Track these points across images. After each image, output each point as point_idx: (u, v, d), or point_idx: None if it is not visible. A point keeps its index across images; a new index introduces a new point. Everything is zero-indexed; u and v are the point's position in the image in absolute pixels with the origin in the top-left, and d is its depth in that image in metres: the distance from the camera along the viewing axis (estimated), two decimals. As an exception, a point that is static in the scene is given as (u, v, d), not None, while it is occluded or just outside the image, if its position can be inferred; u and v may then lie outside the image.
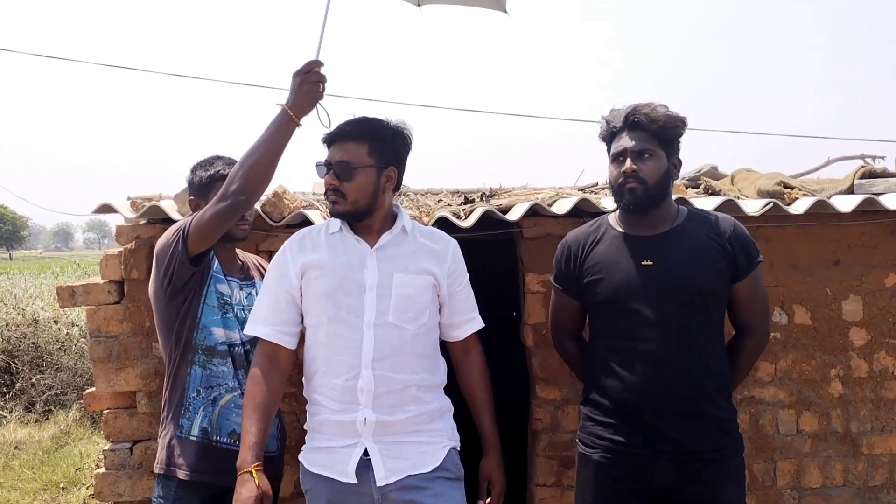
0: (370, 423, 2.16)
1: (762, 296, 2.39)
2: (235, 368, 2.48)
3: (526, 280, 3.37)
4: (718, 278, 2.27)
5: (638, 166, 2.25)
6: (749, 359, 2.47)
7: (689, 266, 2.26)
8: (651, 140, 2.26)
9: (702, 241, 2.29)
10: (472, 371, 2.43)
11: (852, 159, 4.88)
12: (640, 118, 2.27)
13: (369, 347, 2.17)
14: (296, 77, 2.19)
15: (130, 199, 3.37)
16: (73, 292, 3.34)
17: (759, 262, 2.34)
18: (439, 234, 2.40)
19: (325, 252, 2.25)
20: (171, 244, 2.39)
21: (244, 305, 2.56)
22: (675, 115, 2.29)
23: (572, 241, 2.51)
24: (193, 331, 2.46)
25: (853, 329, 3.42)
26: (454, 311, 2.37)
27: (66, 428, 6.78)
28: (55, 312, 8.35)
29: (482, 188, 4.35)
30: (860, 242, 3.42)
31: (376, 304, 2.18)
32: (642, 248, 2.31)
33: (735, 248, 2.29)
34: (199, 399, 2.45)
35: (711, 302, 2.29)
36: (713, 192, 3.66)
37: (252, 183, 2.22)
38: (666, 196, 2.34)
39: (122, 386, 3.31)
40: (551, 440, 3.37)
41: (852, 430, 3.43)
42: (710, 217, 2.38)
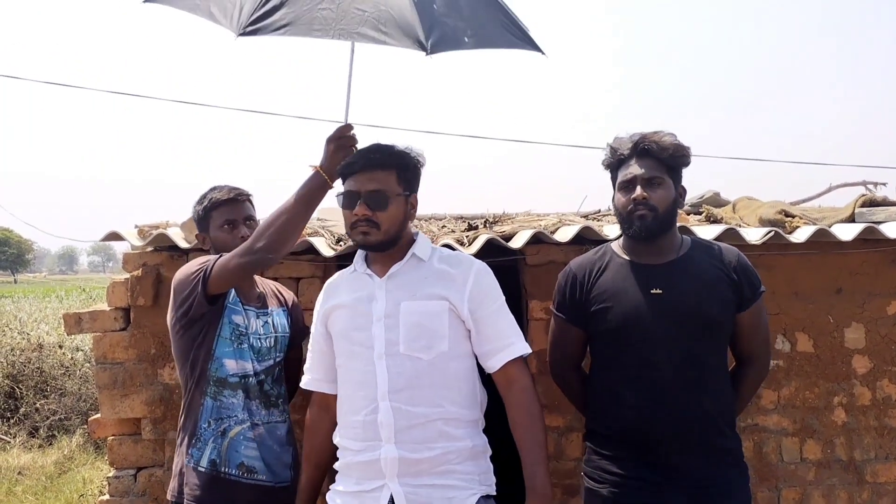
0: (392, 461, 2.06)
1: (764, 325, 2.38)
2: (248, 399, 2.49)
3: (529, 307, 3.39)
4: (726, 308, 2.26)
5: (648, 194, 2.23)
6: (751, 388, 2.46)
7: (698, 296, 2.24)
8: (660, 168, 2.26)
9: (709, 271, 2.28)
10: (515, 405, 2.17)
11: (854, 186, 4.91)
12: (649, 146, 2.26)
13: (383, 379, 2.09)
14: (329, 143, 2.24)
15: (138, 227, 3.41)
16: (80, 319, 3.36)
17: (762, 293, 2.34)
18: (459, 258, 2.26)
19: (344, 293, 2.24)
20: (191, 281, 2.40)
21: (260, 334, 2.56)
22: (683, 143, 2.29)
23: (577, 268, 2.44)
24: (208, 362, 2.47)
25: (856, 357, 3.43)
26: (484, 339, 2.17)
27: (69, 453, 6.77)
28: (60, 337, 8.36)
29: (486, 214, 4.38)
30: (862, 270, 3.44)
31: (385, 334, 2.11)
32: (650, 277, 2.29)
33: (740, 279, 2.28)
34: (210, 430, 2.46)
35: (718, 332, 2.28)
36: (715, 219, 3.69)
37: (280, 241, 2.26)
38: (673, 224, 2.33)
39: (126, 413, 3.32)
40: (555, 468, 3.36)
41: (856, 458, 3.43)
42: (714, 247, 2.37)
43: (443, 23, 2.18)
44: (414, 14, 2.13)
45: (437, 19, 2.17)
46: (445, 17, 2.20)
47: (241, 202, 2.62)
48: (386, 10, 2.13)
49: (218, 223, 2.58)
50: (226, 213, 2.58)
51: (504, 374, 2.18)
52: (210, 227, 2.60)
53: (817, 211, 3.75)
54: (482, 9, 2.35)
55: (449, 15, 2.22)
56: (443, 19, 2.19)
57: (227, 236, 2.55)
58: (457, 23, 2.22)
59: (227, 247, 2.51)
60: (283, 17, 2.09)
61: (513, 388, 2.17)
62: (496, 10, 2.38)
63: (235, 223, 2.57)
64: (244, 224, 2.58)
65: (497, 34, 2.34)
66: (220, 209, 2.58)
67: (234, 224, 2.57)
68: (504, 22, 2.37)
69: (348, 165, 2.16)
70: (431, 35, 2.11)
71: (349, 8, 2.12)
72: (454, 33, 2.20)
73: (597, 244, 2.64)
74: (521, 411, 2.16)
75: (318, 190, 2.25)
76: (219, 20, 2.17)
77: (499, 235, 3.38)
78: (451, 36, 2.19)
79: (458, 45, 2.21)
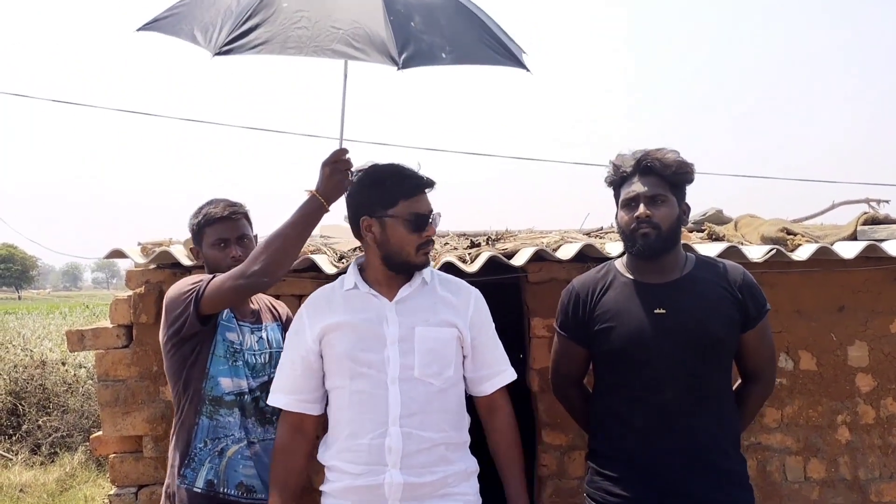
0: (398, 486, 2.06)
1: (770, 344, 2.35)
2: (244, 417, 2.48)
3: (531, 325, 3.39)
4: (730, 328, 2.23)
5: (651, 211, 2.21)
6: (755, 406, 2.44)
7: (702, 315, 2.21)
8: (663, 185, 2.23)
9: (713, 290, 2.25)
10: (500, 430, 2.29)
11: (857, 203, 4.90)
12: (652, 163, 2.24)
13: (396, 403, 2.09)
14: (325, 167, 2.25)
15: (141, 245, 3.42)
16: (83, 336, 3.37)
17: (768, 311, 2.30)
18: (459, 285, 2.32)
19: (342, 311, 2.19)
20: (183, 300, 2.40)
21: (255, 350, 2.56)
22: (686, 160, 2.27)
23: (580, 286, 2.42)
24: (202, 381, 2.45)
25: (859, 375, 3.42)
26: (480, 364, 2.25)
27: (71, 471, 6.76)
28: (63, 354, 8.36)
29: (488, 231, 4.39)
30: (864, 288, 3.43)
31: (400, 358, 2.11)
32: (654, 296, 2.26)
33: (745, 297, 2.25)
34: (206, 450, 2.44)
35: (723, 352, 2.26)
36: (717, 237, 3.69)
37: (275, 266, 2.25)
38: (677, 242, 2.30)
39: (128, 430, 3.32)
40: (557, 487, 3.35)
41: (860, 477, 3.41)
42: (719, 265, 2.34)
43: (419, 39, 2.21)
44: (389, 31, 2.15)
45: (413, 35, 2.19)
46: (423, 34, 2.23)
47: (235, 220, 2.59)
48: (360, 27, 2.15)
49: (210, 240, 2.57)
50: (219, 230, 2.56)
51: (492, 400, 2.29)
52: (203, 243, 2.59)
53: (819, 228, 3.75)
54: (463, 26, 2.37)
55: (427, 32, 2.24)
56: (420, 35, 2.22)
57: (220, 254, 2.54)
58: (434, 39, 2.24)
59: (219, 265, 2.52)
60: (259, 36, 2.12)
61: (499, 414, 2.29)
62: (479, 27, 2.40)
63: (228, 242, 2.56)
64: (237, 243, 2.56)
65: (478, 50, 2.35)
66: (214, 226, 2.57)
67: (226, 243, 2.55)
68: (486, 39, 2.39)
69: (414, 188, 2.19)
70: (405, 50, 2.14)
71: (324, 26, 2.15)
72: (430, 49, 2.22)
73: (599, 262, 2.64)
74: (508, 437, 2.29)
75: (314, 214, 2.25)
76: (199, 41, 2.21)
77: (501, 253, 3.38)
78: (427, 51, 2.21)
79: (434, 61, 2.23)
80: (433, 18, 2.30)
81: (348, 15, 2.17)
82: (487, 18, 2.47)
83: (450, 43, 2.28)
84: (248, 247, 2.57)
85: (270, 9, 2.17)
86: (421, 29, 2.24)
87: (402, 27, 2.19)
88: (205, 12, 2.27)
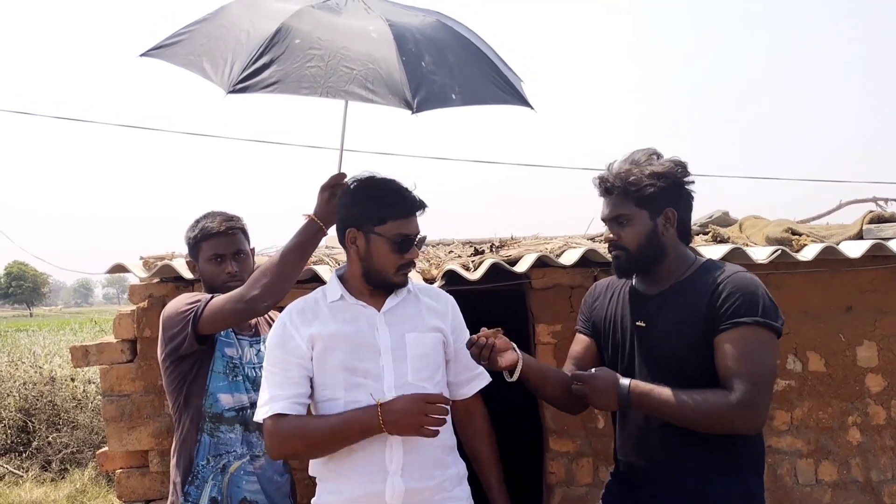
0: (399, 493, 2.06)
1: (748, 361, 1.95)
2: (247, 432, 2.47)
3: (536, 331, 3.37)
4: (695, 346, 2.03)
5: (616, 233, 2.13)
6: (700, 404, 1.96)
7: (669, 331, 2.08)
8: (627, 203, 2.10)
9: (691, 301, 2.07)
10: (478, 432, 2.32)
11: (864, 202, 4.87)
12: (608, 183, 2.13)
13: None
14: (323, 191, 2.27)
15: (143, 259, 3.42)
16: (87, 352, 3.37)
17: (746, 324, 1.97)
18: (436, 292, 2.36)
19: (332, 323, 2.15)
20: (182, 319, 2.39)
21: (255, 363, 2.55)
22: (652, 170, 2.08)
23: (598, 284, 2.42)
24: (202, 397, 2.45)
25: (869, 375, 3.38)
26: (462, 368, 2.26)
27: (81, 487, 6.75)
28: (72, 370, 8.38)
29: (492, 239, 4.37)
30: (872, 288, 3.40)
31: (394, 366, 2.11)
32: (641, 307, 2.18)
33: (720, 301, 2.01)
34: (209, 468, 2.43)
35: (692, 371, 2.04)
36: (721, 239, 3.67)
37: (275, 290, 2.28)
38: (661, 256, 2.14)
39: (134, 445, 3.31)
40: (566, 494, 3.32)
41: (873, 478, 3.37)
42: (717, 269, 2.11)
43: (431, 80, 2.20)
44: (402, 72, 2.14)
45: (425, 76, 2.19)
46: (433, 75, 2.22)
47: (231, 235, 2.58)
48: (374, 68, 2.13)
49: (207, 255, 2.56)
50: (215, 245, 2.55)
51: (469, 403, 2.32)
52: (199, 257, 2.58)
53: (825, 228, 3.72)
54: (471, 64, 2.38)
55: (437, 72, 2.23)
56: (431, 76, 2.21)
57: (215, 269, 2.54)
58: (444, 79, 2.24)
59: (214, 279, 2.52)
60: (273, 74, 2.11)
61: (476, 416, 2.33)
62: (486, 64, 2.41)
63: (224, 257, 2.55)
64: (233, 258, 2.55)
65: (485, 90, 2.37)
66: (210, 241, 2.55)
67: (222, 258, 2.55)
68: (492, 77, 2.40)
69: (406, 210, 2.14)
70: (418, 94, 2.12)
71: (338, 66, 2.13)
72: (441, 90, 2.21)
73: (603, 266, 2.62)
74: (485, 437, 2.32)
75: (313, 237, 2.28)
76: (210, 76, 2.19)
77: (504, 260, 3.37)
78: (439, 93, 2.20)
79: (446, 103, 2.22)
80: (442, 57, 2.30)
81: (361, 55, 2.16)
82: (489, 50, 2.49)
83: (459, 83, 2.28)
84: (244, 262, 2.56)
85: (282, 46, 2.14)
86: (431, 69, 2.23)
87: (415, 68, 2.18)
88: (214, 44, 2.25)
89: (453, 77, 2.28)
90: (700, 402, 1.95)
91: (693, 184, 2.18)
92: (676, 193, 2.13)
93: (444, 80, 2.24)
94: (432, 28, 2.37)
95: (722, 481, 2.04)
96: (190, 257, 2.66)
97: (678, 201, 2.14)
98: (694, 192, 2.18)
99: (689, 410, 1.96)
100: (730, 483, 2.05)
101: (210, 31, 2.30)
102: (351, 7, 2.31)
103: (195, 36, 2.31)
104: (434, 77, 2.22)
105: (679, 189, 2.14)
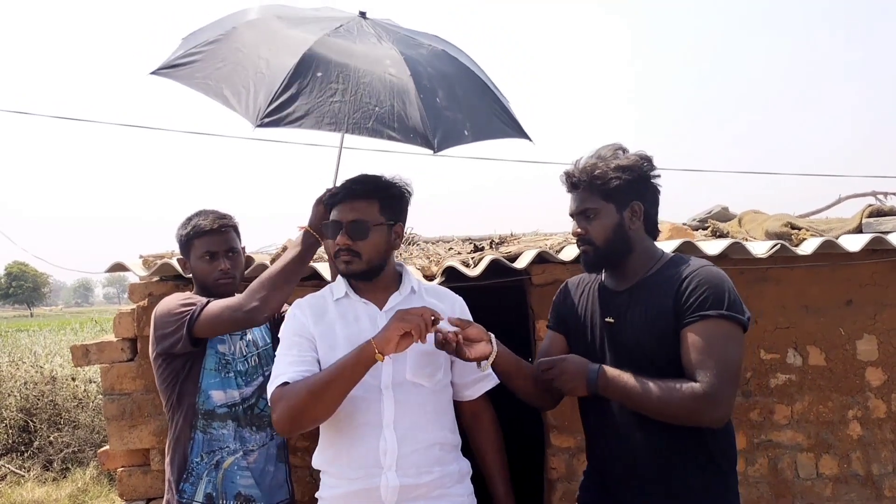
0: (393, 489, 2.08)
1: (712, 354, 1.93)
2: (240, 427, 2.48)
3: (536, 327, 3.37)
4: (665, 340, 2.02)
5: (584, 227, 2.14)
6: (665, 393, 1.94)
7: (639, 327, 2.07)
8: (593, 197, 2.11)
9: (658, 296, 2.06)
10: (484, 433, 2.32)
11: (864, 196, 4.88)
12: (574, 178, 2.14)
13: (390, 407, 2.11)
14: (318, 205, 2.32)
15: (142, 258, 3.42)
16: (87, 351, 3.37)
17: (709, 317, 1.95)
18: (445, 292, 2.36)
19: (336, 320, 2.20)
20: (175, 319, 2.41)
21: (245, 355, 2.56)
22: (617, 164, 2.09)
23: (568, 282, 2.40)
24: (195, 395, 2.46)
25: (869, 369, 3.38)
26: (467, 370, 2.25)
27: (83, 486, 6.76)
28: (73, 370, 8.38)
29: (492, 235, 4.38)
30: (872, 281, 3.40)
31: (392, 364, 2.13)
32: (609, 303, 2.17)
33: (686, 293, 2.00)
34: (203, 464, 2.44)
35: (664, 363, 2.01)
36: (721, 234, 3.67)
37: (272, 301, 2.31)
38: (629, 249, 2.14)
39: (135, 443, 3.32)
40: (567, 489, 3.33)
41: (874, 472, 3.37)
42: (683, 264, 2.09)
43: (445, 117, 2.28)
44: (420, 108, 2.21)
45: (440, 113, 2.26)
46: (447, 111, 2.30)
47: (223, 233, 2.58)
48: (392, 106, 2.19)
49: (199, 253, 2.56)
50: (207, 243, 2.55)
51: (476, 404, 2.32)
52: (191, 254, 2.58)
53: (824, 222, 3.72)
54: (476, 96, 2.49)
55: (450, 107, 2.32)
56: (445, 113, 2.29)
57: (207, 267, 2.54)
58: (456, 115, 2.33)
59: (206, 277, 2.53)
60: (299, 108, 2.15)
61: (483, 417, 2.33)
62: (489, 97, 2.53)
63: (216, 255, 2.55)
64: (225, 256, 2.55)
65: (491, 125, 2.48)
66: (203, 239, 2.56)
67: (214, 256, 2.55)
68: (496, 110, 2.53)
69: (332, 196, 2.22)
70: (437, 133, 2.21)
71: (360, 101, 2.18)
72: (454, 126, 2.30)
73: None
74: (492, 438, 2.32)
75: (308, 249, 2.33)
76: (233, 105, 2.22)
77: (504, 256, 3.37)
78: (453, 130, 2.29)
79: (460, 140, 2.32)
80: (453, 92, 2.39)
81: (381, 91, 2.21)
82: (485, 77, 2.62)
83: (469, 119, 2.38)
84: (235, 260, 2.57)
85: (305, 78, 2.19)
86: (445, 104, 2.32)
87: (431, 105, 2.26)
88: (232, 70, 2.27)
89: (463, 112, 2.37)
90: (665, 389, 1.93)
91: (659, 178, 2.18)
92: (643, 187, 2.14)
93: (457, 116, 2.34)
94: (440, 60, 2.47)
95: (701, 476, 2.04)
96: (182, 255, 2.66)
97: (644, 195, 2.15)
98: (660, 185, 2.19)
99: (654, 398, 1.95)
100: (708, 478, 2.05)
101: (225, 55, 2.32)
102: (363, 34, 2.39)
103: (209, 58, 2.33)
104: (447, 113, 2.31)
105: (645, 183, 2.15)
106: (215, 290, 2.52)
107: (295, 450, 3.24)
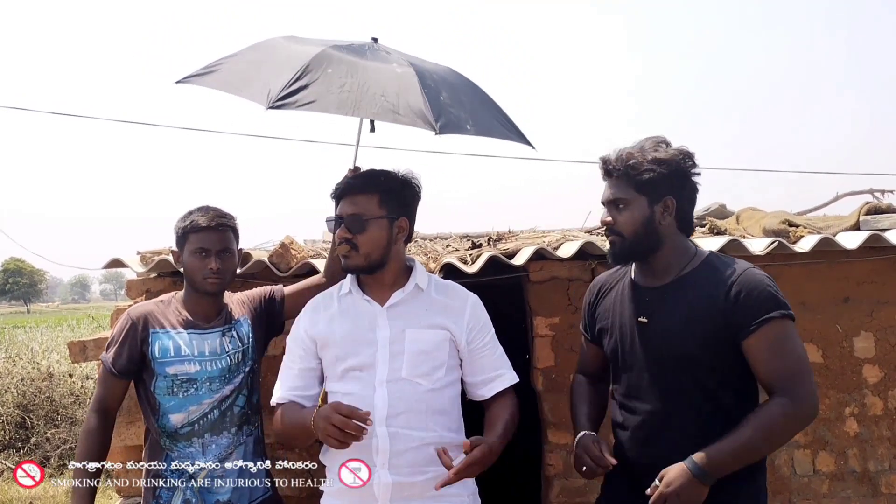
0: (386, 486, 2.08)
1: (785, 353, 1.96)
2: (211, 436, 2.45)
3: (534, 324, 3.37)
4: (709, 343, 2.00)
5: (613, 217, 2.11)
6: (771, 425, 1.94)
7: (677, 328, 2.03)
8: (626, 188, 2.08)
9: (700, 298, 2.02)
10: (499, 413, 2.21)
11: (861, 194, 4.88)
12: (609, 165, 2.11)
13: (383, 404, 2.10)
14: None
15: (140, 254, 3.41)
16: (84, 347, 3.36)
17: (772, 319, 1.96)
18: (457, 290, 2.32)
19: (337, 316, 2.23)
20: (115, 341, 2.52)
21: (227, 351, 2.51)
22: (655, 156, 2.06)
23: (593, 284, 2.38)
24: (155, 417, 2.46)
25: (866, 366, 3.39)
26: (478, 369, 2.25)
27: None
28: (70, 366, 8.37)
29: (490, 232, 4.38)
30: (869, 279, 3.41)
31: (389, 361, 2.14)
32: (642, 302, 2.14)
33: (737, 303, 1.97)
34: (176, 474, 2.42)
35: (700, 369, 2.02)
36: (718, 231, 3.67)
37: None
38: (654, 245, 2.10)
39: (132, 440, 3.31)
40: (564, 486, 3.33)
41: (870, 469, 3.38)
42: (724, 268, 2.06)
43: (448, 111, 2.38)
44: (426, 102, 2.31)
45: (443, 107, 2.37)
46: (450, 108, 2.40)
47: (220, 232, 2.52)
48: (398, 97, 2.32)
49: (192, 248, 2.49)
50: (202, 239, 2.49)
51: (492, 403, 2.26)
52: (185, 248, 2.52)
53: (822, 220, 3.72)
54: (479, 105, 2.62)
55: (453, 106, 2.42)
56: (448, 108, 2.39)
57: (198, 263, 2.46)
58: (459, 113, 2.43)
59: (195, 273, 2.47)
60: (308, 95, 2.30)
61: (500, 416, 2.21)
62: (492, 108, 2.68)
63: (209, 252, 2.48)
64: (217, 255, 2.48)
65: (493, 126, 2.59)
66: (198, 234, 2.49)
67: (207, 253, 2.48)
68: (498, 118, 2.65)
69: (335, 191, 2.24)
70: (439, 119, 2.29)
71: (368, 91, 2.32)
72: (457, 121, 2.39)
73: (601, 259, 2.61)
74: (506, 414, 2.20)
75: None
76: (245, 94, 2.42)
77: (502, 253, 3.37)
78: (455, 122, 2.37)
79: (462, 131, 2.40)
80: (456, 95, 2.51)
81: (388, 87, 2.36)
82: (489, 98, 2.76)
83: (471, 117, 2.47)
84: (228, 261, 2.49)
85: (317, 72, 2.35)
86: (448, 103, 2.42)
87: (435, 100, 2.36)
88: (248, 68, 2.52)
89: (466, 112, 2.48)
90: (764, 427, 1.93)
91: (699, 175, 2.13)
92: (679, 183, 2.09)
93: (460, 114, 2.44)
94: (445, 72, 2.63)
95: (733, 477, 1.98)
96: (176, 247, 2.62)
97: (680, 191, 2.10)
98: (699, 184, 2.14)
99: (763, 442, 1.96)
100: (740, 479, 2.00)
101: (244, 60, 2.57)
102: (374, 50, 2.57)
103: (229, 62, 2.57)
104: (451, 110, 2.42)
105: (682, 178, 2.10)
106: (202, 287, 2.48)
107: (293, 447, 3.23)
